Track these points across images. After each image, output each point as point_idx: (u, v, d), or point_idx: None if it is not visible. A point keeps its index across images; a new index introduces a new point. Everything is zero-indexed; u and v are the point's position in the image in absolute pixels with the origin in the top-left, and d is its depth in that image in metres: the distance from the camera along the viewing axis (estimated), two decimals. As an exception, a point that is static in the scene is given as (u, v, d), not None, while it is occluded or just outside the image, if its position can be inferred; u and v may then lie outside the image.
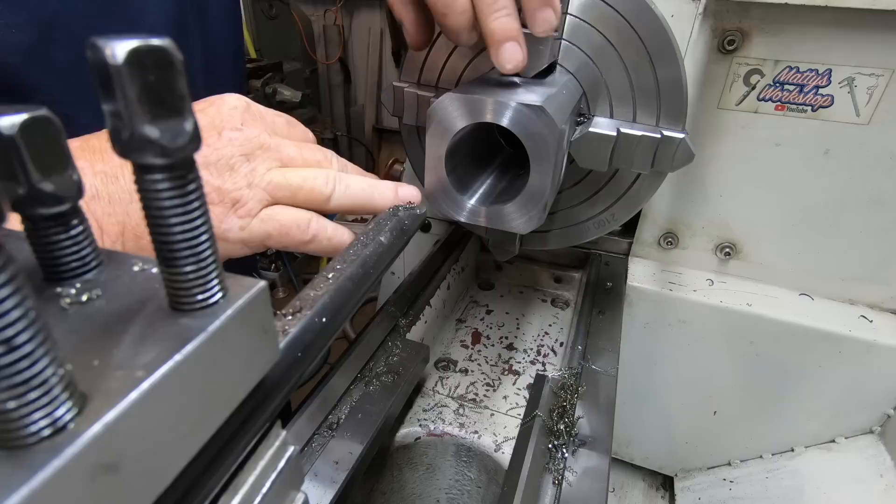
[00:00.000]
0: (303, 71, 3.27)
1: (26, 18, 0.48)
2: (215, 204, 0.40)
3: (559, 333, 0.82)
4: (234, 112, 0.43)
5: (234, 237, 0.41)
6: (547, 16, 0.46)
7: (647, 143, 0.54)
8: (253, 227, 0.41)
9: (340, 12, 3.39)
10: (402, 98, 0.62)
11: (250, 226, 0.41)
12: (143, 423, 0.15)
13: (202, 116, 0.42)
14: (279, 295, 2.97)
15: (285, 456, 0.26)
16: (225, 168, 0.41)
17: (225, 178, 0.41)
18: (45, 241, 0.19)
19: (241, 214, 0.41)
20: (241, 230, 0.41)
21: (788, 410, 0.82)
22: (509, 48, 0.45)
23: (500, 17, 0.44)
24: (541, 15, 0.46)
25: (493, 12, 0.44)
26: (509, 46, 0.45)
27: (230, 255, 0.43)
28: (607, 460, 0.49)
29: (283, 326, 0.26)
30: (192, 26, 0.64)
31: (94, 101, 0.22)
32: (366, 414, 0.55)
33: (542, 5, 0.46)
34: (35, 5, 0.49)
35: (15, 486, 0.12)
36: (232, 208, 0.41)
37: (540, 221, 0.49)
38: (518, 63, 0.46)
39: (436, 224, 0.98)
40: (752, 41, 0.65)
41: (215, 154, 0.41)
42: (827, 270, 0.77)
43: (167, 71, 0.16)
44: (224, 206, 0.41)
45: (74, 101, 0.38)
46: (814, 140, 0.69)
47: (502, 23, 0.44)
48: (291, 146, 0.45)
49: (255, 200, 0.41)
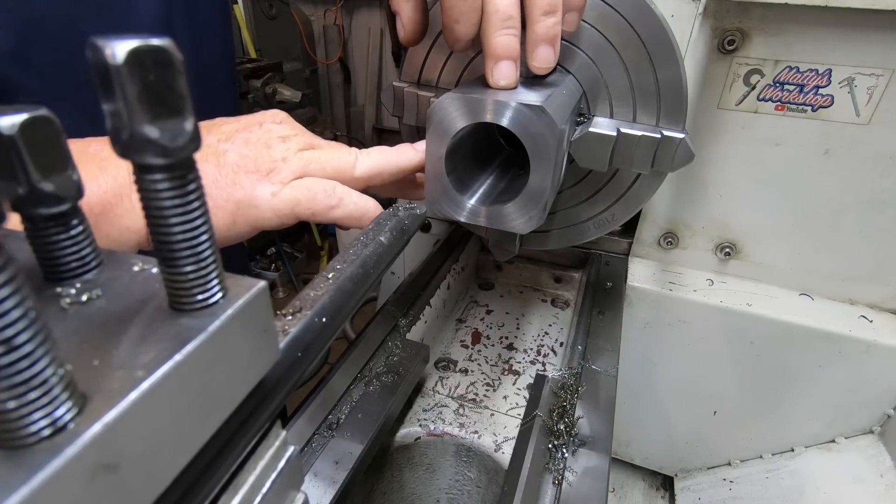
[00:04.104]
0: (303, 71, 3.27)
1: (9, 20, 0.48)
2: (250, 172, 0.43)
3: (559, 333, 0.82)
4: (276, 115, 0.49)
5: (265, 204, 0.44)
6: (547, 54, 0.47)
7: (647, 143, 0.54)
8: (283, 194, 0.44)
9: (340, 12, 3.39)
10: (402, 98, 0.62)
11: (281, 192, 0.44)
12: (143, 423, 0.15)
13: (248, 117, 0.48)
14: (279, 295, 2.97)
15: (285, 456, 0.26)
16: (262, 146, 0.45)
17: (261, 153, 0.44)
18: (45, 241, 0.19)
19: (274, 182, 0.44)
20: (272, 196, 0.44)
21: (788, 410, 0.82)
22: (505, 66, 0.46)
23: (505, 35, 0.45)
24: (542, 52, 0.47)
25: (500, 28, 0.45)
26: (506, 65, 0.46)
27: (262, 224, 0.45)
28: (607, 460, 0.49)
29: (283, 326, 0.26)
30: (180, 28, 0.64)
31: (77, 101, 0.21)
32: (366, 414, 0.55)
33: (545, 42, 0.47)
34: (18, 7, 0.49)
35: (15, 486, 0.12)
36: (266, 176, 0.44)
37: (540, 221, 0.49)
38: (510, 83, 0.47)
39: (436, 224, 0.98)
40: (752, 41, 0.65)
41: (255, 136, 0.45)
42: (827, 270, 0.77)
43: (167, 71, 0.16)
44: (259, 174, 0.44)
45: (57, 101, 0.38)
46: (814, 140, 0.69)
47: (505, 41, 0.45)
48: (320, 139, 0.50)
49: (288, 171, 0.45)
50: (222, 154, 0.43)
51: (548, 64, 0.48)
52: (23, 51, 0.50)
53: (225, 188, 0.42)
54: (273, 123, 0.47)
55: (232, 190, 0.43)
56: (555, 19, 0.46)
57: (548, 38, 0.46)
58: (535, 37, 0.46)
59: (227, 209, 0.43)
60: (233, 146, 0.44)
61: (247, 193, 0.43)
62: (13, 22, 0.49)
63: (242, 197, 0.43)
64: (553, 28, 0.46)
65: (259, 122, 0.47)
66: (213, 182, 0.42)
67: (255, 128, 0.46)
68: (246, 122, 0.46)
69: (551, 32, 0.46)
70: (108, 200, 0.39)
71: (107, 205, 0.39)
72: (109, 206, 0.39)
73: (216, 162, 0.43)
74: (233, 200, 0.43)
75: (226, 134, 0.44)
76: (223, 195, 0.42)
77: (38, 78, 0.51)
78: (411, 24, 0.51)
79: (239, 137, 0.44)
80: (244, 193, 0.43)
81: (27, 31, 0.50)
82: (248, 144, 0.44)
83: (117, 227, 0.39)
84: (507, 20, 0.45)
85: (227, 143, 0.44)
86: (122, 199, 0.39)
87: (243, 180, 0.43)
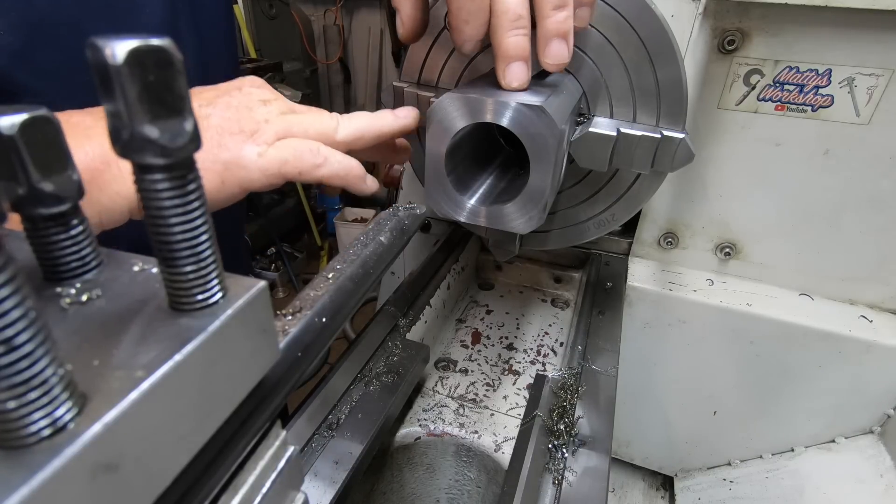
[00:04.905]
0: (303, 71, 3.28)
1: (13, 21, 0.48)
2: (234, 133, 0.44)
3: (559, 333, 0.82)
4: (254, 80, 0.49)
5: (252, 164, 0.44)
6: (560, 50, 0.46)
7: (647, 143, 0.54)
8: (269, 154, 0.45)
9: (340, 12, 3.39)
10: (402, 98, 0.62)
11: (267, 153, 0.45)
12: (144, 423, 0.15)
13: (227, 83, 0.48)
14: (279, 295, 2.98)
15: (285, 456, 0.26)
16: (244, 109, 0.45)
17: (244, 115, 0.45)
18: (45, 241, 0.19)
19: (258, 142, 0.45)
20: (258, 157, 0.44)
21: (788, 410, 0.82)
22: (517, 67, 0.46)
23: (516, 35, 0.45)
24: (555, 47, 0.46)
25: (510, 28, 0.44)
26: (518, 66, 0.46)
27: (251, 185, 0.45)
28: (607, 460, 0.49)
29: (283, 326, 0.26)
30: (185, 29, 0.64)
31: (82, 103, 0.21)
32: (366, 414, 0.55)
33: (557, 36, 0.45)
34: (22, 8, 0.49)
35: (15, 486, 0.12)
36: (250, 137, 0.44)
37: (540, 221, 0.49)
38: (523, 83, 0.46)
39: (436, 224, 0.98)
40: (752, 41, 0.65)
41: (236, 100, 0.46)
42: (827, 270, 0.77)
43: (167, 71, 0.16)
44: (243, 135, 0.44)
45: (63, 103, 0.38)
46: (814, 140, 0.69)
47: (516, 41, 0.45)
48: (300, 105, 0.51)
49: (271, 132, 0.45)
50: (205, 118, 0.43)
51: (561, 60, 0.46)
52: (28, 52, 0.50)
53: (211, 150, 0.43)
54: (253, 87, 0.48)
55: (218, 151, 0.43)
56: (566, 13, 0.45)
57: (560, 32, 0.45)
58: (546, 32, 0.45)
59: (215, 170, 0.43)
60: (215, 110, 0.44)
61: (233, 154, 0.43)
62: (18, 23, 0.49)
63: (229, 158, 0.43)
64: (565, 23, 0.45)
65: (238, 87, 0.47)
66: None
67: (235, 92, 0.46)
68: (226, 88, 0.47)
69: (564, 27, 0.45)
70: (97, 167, 0.39)
71: (95, 171, 0.39)
72: (98, 173, 0.39)
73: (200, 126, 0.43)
74: (220, 161, 0.43)
75: (207, 99, 0.45)
76: (210, 157, 0.43)
77: (44, 79, 0.52)
78: (411, 22, 0.51)
79: (220, 102, 0.45)
80: (230, 154, 0.43)
81: (32, 33, 0.50)
82: (230, 108, 0.45)
83: (108, 193, 0.40)
84: (517, 20, 0.44)
85: (208, 107, 0.44)
86: (110, 165, 0.39)
87: (228, 141, 0.43)
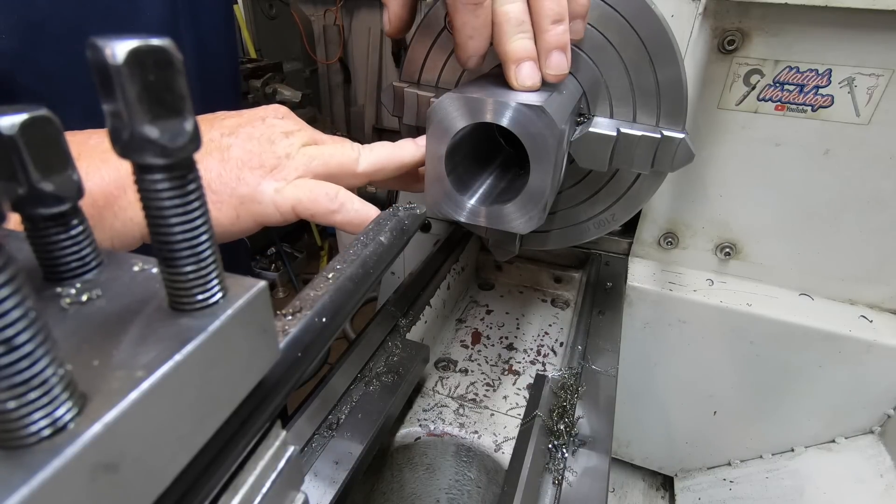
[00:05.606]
0: (303, 71, 3.27)
1: (14, 22, 0.49)
2: (255, 168, 0.44)
3: (559, 333, 0.82)
4: (277, 110, 0.49)
5: (267, 199, 0.44)
6: (560, 61, 0.48)
7: (647, 143, 0.54)
8: (286, 191, 0.44)
9: (340, 12, 3.39)
10: (402, 98, 0.62)
11: (284, 189, 0.44)
12: (144, 423, 0.15)
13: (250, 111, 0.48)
14: (279, 295, 2.97)
15: (285, 456, 0.26)
16: (266, 141, 0.45)
17: (265, 149, 0.45)
18: (45, 241, 0.19)
19: (277, 178, 0.44)
20: (275, 192, 0.44)
21: (788, 410, 0.82)
22: (528, 67, 0.47)
23: (521, 38, 0.46)
24: (555, 59, 0.47)
25: (515, 33, 0.46)
26: (528, 65, 0.47)
27: (265, 220, 0.45)
28: (607, 460, 0.49)
29: (283, 326, 0.26)
30: (185, 30, 0.64)
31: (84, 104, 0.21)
32: (366, 414, 0.55)
33: (557, 48, 0.47)
34: (23, 10, 0.49)
35: (15, 486, 0.12)
36: (270, 172, 0.44)
37: (540, 221, 0.49)
38: (536, 82, 0.47)
39: (436, 224, 0.98)
40: (752, 41, 0.65)
41: (258, 131, 0.45)
42: (827, 270, 0.77)
43: (167, 71, 0.16)
44: (263, 170, 0.44)
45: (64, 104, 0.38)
46: (814, 140, 0.69)
47: (522, 45, 0.46)
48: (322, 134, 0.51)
49: (291, 168, 0.45)
50: (226, 149, 0.43)
51: (561, 71, 0.48)
52: (28, 53, 0.50)
53: (229, 183, 0.43)
54: (276, 118, 0.47)
55: (236, 185, 0.43)
56: (563, 27, 0.47)
57: (559, 45, 0.47)
58: (546, 45, 0.47)
59: (231, 204, 0.43)
60: (236, 141, 0.44)
61: (251, 189, 0.43)
62: (18, 24, 0.49)
63: (246, 192, 0.43)
64: (563, 35, 0.47)
65: (262, 118, 0.47)
66: (218, 177, 0.42)
67: (257, 123, 0.46)
68: (248, 117, 0.46)
69: (562, 40, 0.47)
70: (112, 192, 0.39)
71: (110, 196, 0.39)
72: (113, 198, 0.39)
73: (220, 157, 0.43)
74: (237, 196, 0.43)
75: (229, 128, 0.44)
76: (227, 190, 0.42)
77: (45, 80, 0.52)
78: (397, 21, 0.53)
79: (242, 132, 0.44)
80: (248, 189, 0.43)
81: (32, 34, 0.50)
82: (251, 140, 0.44)
83: (122, 218, 0.40)
84: (520, 25, 0.46)
85: (230, 137, 0.44)
86: (126, 190, 0.39)
87: (247, 176, 0.43)
